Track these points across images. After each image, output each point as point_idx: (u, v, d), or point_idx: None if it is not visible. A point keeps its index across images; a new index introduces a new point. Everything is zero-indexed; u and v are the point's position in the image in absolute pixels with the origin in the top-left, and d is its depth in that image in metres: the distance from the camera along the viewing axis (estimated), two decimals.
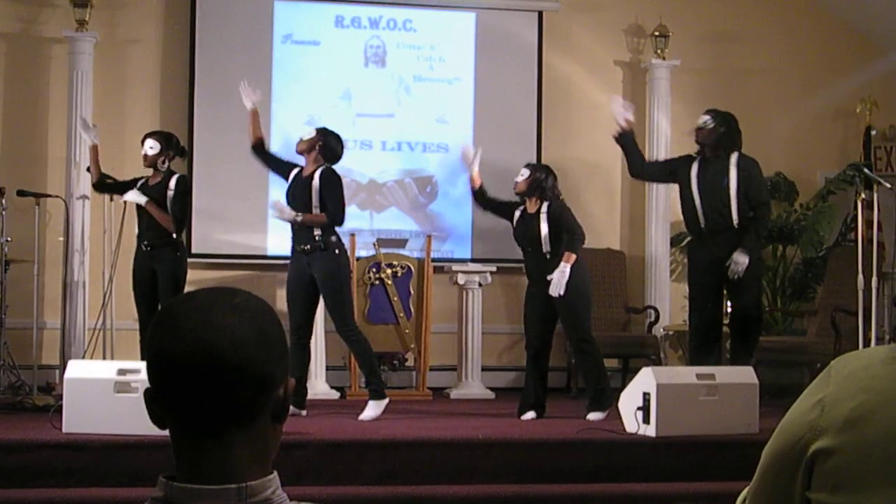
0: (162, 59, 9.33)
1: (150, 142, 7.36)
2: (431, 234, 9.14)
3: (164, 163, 7.36)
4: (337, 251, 7.02)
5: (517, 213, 7.30)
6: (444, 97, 9.66)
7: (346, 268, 7.15)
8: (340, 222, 7.05)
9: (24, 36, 9.15)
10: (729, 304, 7.53)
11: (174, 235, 7.30)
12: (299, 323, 7.03)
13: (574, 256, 7.02)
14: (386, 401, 6.94)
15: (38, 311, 8.07)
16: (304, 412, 7.00)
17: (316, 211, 6.99)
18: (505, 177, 9.47)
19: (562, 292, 6.94)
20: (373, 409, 6.87)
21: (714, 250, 7.17)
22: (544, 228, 7.10)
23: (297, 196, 7.06)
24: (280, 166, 7.35)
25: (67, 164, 8.79)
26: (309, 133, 7.20)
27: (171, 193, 7.31)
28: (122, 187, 7.47)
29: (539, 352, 7.22)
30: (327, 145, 7.11)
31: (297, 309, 7.07)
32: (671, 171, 7.56)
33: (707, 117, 7.35)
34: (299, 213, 6.97)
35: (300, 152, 7.16)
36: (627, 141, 7.54)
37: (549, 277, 6.99)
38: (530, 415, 7.09)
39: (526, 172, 7.26)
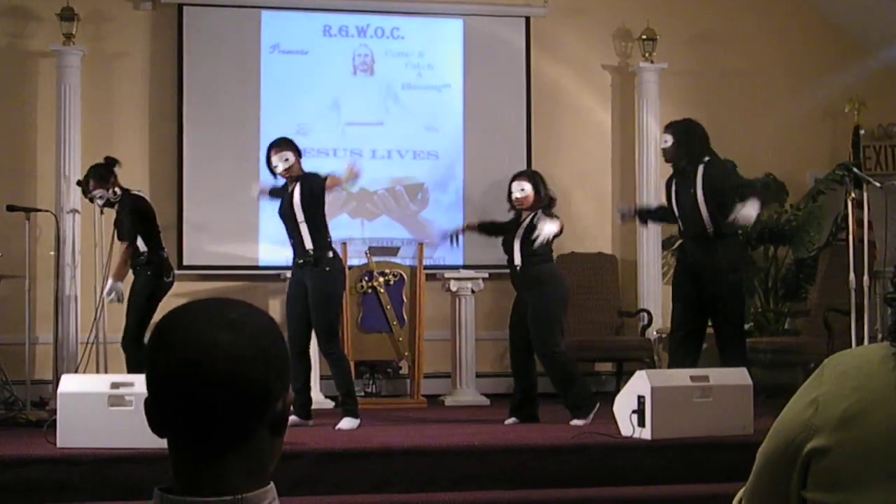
0: (150, 71, 9.32)
1: (97, 200, 7.46)
2: (423, 241, 9.13)
3: (115, 194, 7.43)
4: (328, 268, 6.96)
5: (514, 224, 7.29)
6: (432, 104, 9.67)
7: (334, 285, 7.05)
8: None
9: (11, 50, 9.14)
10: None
11: (145, 255, 7.37)
12: (295, 333, 7.00)
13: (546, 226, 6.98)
14: (359, 421, 6.93)
15: (31, 326, 8.04)
16: (310, 422, 6.97)
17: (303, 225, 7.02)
18: (495, 182, 9.51)
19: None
20: (348, 424, 6.88)
21: (692, 260, 7.20)
22: (517, 244, 7.15)
23: (286, 211, 7.08)
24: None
25: (57, 178, 8.78)
26: (287, 159, 7.02)
27: (122, 215, 7.44)
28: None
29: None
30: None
31: (293, 320, 7.05)
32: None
33: (667, 136, 7.31)
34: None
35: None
36: (648, 217, 7.68)
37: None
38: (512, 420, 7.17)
39: (528, 187, 7.15)
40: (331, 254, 7.02)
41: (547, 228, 6.95)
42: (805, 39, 10.17)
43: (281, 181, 7.14)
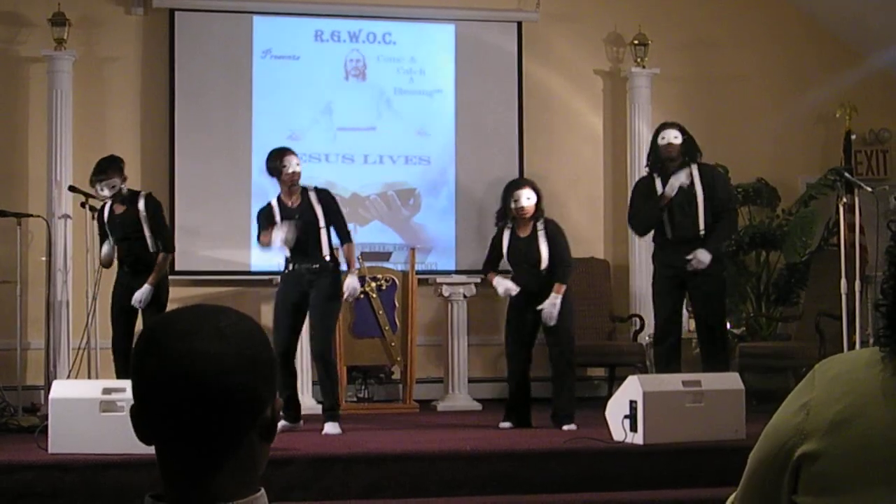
0: (141, 76, 9.31)
1: (104, 189, 7.25)
2: (415, 246, 9.13)
3: (121, 191, 7.31)
4: (337, 275, 7.07)
5: (506, 238, 7.33)
6: (424, 109, 9.67)
7: (340, 291, 7.14)
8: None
9: (2, 55, 9.12)
10: (692, 316, 7.61)
11: (159, 256, 7.31)
12: (288, 345, 7.01)
13: (564, 287, 7.12)
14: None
15: (22, 332, 8.02)
16: (301, 423, 7.04)
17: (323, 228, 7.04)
18: (487, 187, 9.51)
19: (553, 322, 7.06)
20: (334, 428, 6.92)
21: (678, 260, 7.21)
22: (545, 251, 7.18)
23: (309, 217, 7.06)
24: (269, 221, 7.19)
25: (48, 183, 8.76)
26: (299, 163, 7.09)
27: (143, 215, 7.29)
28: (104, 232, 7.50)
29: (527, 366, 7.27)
30: None
31: (286, 331, 7.05)
32: (648, 198, 7.50)
33: (676, 132, 7.33)
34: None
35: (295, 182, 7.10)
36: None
37: (539, 307, 7.07)
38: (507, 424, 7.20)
39: (533, 196, 7.21)
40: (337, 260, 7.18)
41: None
42: (796, 45, 10.19)
43: (271, 196, 7.21)
